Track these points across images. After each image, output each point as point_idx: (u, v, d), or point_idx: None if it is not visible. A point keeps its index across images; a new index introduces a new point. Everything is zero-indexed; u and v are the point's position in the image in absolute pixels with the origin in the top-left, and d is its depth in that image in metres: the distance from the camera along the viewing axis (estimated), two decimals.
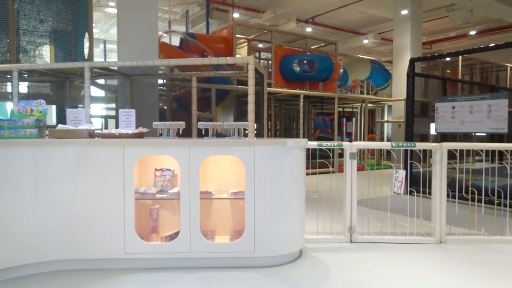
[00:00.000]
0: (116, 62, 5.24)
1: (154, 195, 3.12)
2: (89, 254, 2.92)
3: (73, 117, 3.41)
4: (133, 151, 2.90)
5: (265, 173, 2.97)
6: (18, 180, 2.76)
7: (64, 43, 7.56)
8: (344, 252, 3.43)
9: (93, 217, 2.90)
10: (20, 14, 7.19)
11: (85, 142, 2.90)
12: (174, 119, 6.22)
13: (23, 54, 7.27)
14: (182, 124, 3.23)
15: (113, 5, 11.74)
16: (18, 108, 3.15)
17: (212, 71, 6.12)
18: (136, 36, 5.96)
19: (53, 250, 2.88)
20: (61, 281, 2.77)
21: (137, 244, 2.92)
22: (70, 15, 7.74)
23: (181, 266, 3.01)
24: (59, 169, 2.85)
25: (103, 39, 15.01)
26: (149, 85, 6.11)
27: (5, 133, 2.91)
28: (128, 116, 3.36)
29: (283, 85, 9.19)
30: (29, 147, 2.79)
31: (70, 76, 6.67)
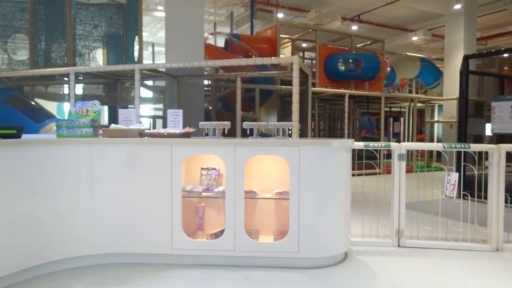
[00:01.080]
0: (164, 64, 5.42)
1: (200, 193, 3.19)
2: (138, 248, 3.04)
3: (124, 117, 3.56)
4: (181, 150, 2.99)
5: (310, 174, 2.94)
6: (75, 176, 2.93)
7: (116, 47, 7.93)
8: (391, 256, 3.32)
9: (143, 213, 3.02)
10: (76, 20, 7.63)
11: (135, 141, 3.02)
12: (218, 119, 6.33)
13: (79, 57, 7.71)
14: (227, 124, 3.28)
15: (161, 9, 12.15)
16: (75, 108, 3.34)
17: (256, 71, 6.15)
18: (183, 38, 6.12)
19: (106, 243, 3.03)
20: (112, 273, 2.90)
21: (183, 240, 3.00)
22: (121, 20, 8.10)
23: (225, 263, 3.05)
24: (111, 167, 2.99)
25: (151, 42, 15.57)
26: (195, 85, 6.25)
27: (63, 132, 3.10)
28: (176, 116, 3.46)
29: (328, 85, 9.06)
30: (85, 146, 2.95)
31: (122, 78, 6.98)
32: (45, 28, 7.63)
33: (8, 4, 8.00)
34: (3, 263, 2.59)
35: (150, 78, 7.15)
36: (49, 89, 9.09)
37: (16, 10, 8.05)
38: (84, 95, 8.48)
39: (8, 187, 2.60)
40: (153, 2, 11.97)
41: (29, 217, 2.72)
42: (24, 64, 7.81)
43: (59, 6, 7.47)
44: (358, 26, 13.85)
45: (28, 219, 2.72)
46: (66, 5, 7.35)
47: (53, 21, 7.54)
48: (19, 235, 2.67)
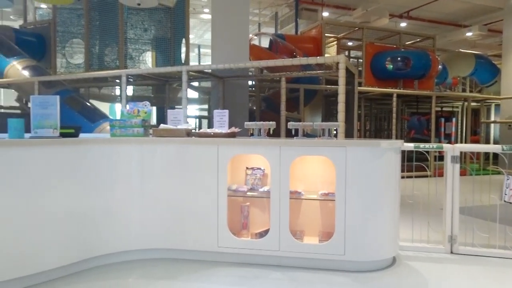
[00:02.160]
0: (210, 65, 5.54)
1: (245, 192, 3.22)
2: (185, 245, 3.12)
3: (173, 117, 3.67)
4: (227, 150, 3.03)
5: (357, 175, 2.87)
6: (127, 173, 3.06)
7: (164, 49, 8.21)
8: (443, 263, 3.17)
9: (190, 210, 3.10)
10: (127, 24, 7.98)
11: (183, 140, 3.11)
12: (262, 119, 6.35)
13: (129, 60, 8.06)
14: (272, 124, 3.28)
15: (207, 11, 12.41)
16: (127, 109, 3.49)
17: (301, 71, 6.11)
18: (228, 40, 6.20)
19: (155, 239, 3.14)
20: (161, 268, 3.00)
21: (229, 239, 3.04)
22: (169, 23, 8.37)
23: (269, 263, 3.06)
24: (161, 165, 3.10)
25: (197, 44, 15.94)
26: (240, 86, 6.32)
27: (117, 131, 3.26)
28: (222, 116, 3.51)
29: (374, 84, 8.81)
30: (137, 145, 3.08)
31: (170, 79, 7.20)
32: (99, 33, 8.05)
33: (66, 11, 8.52)
34: (63, 254, 2.76)
35: (196, 79, 7.32)
36: (102, 91, 9.58)
37: (74, 16, 8.56)
38: (134, 96, 8.85)
39: (68, 182, 2.77)
40: (199, 5, 12.26)
41: (86, 211, 2.88)
42: (80, 67, 8.29)
43: (111, 11, 7.85)
44: (408, 23, 13.34)
45: (85, 213, 2.87)
46: (118, 10, 7.71)
47: (106, 26, 7.94)
48: (76, 228, 2.83)
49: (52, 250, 2.71)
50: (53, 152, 2.70)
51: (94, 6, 8.01)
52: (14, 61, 7.61)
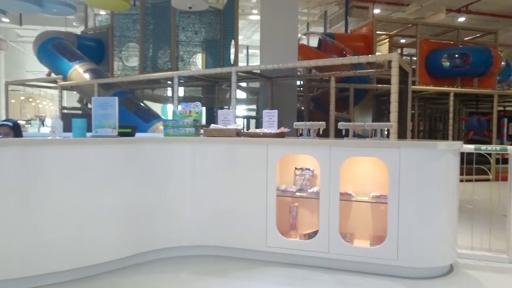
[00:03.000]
0: (259, 66, 5.57)
1: (294, 193, 3.21)
2: (235, 243, 3.17)
3: (223, 117, 3.74)
4: (276, 150, 3.04)
5: (411, 177, 2.76)
6: (180, 171, 3.17)
7: (214, 51, 8.39)
8: (506, 274, 2.95)
9: (239, 209, 3.14)
10: (179, 27, 8.24)
11: (233, 140, 3.16)
12: (311, 119, 6.29)
13: (181, 62, 8.32)
14: (322, 124, 3.24)
15: (256, 12, 12.51)
16: (179, 109, 3.61)
17: (351, 70, 5.98)
18: (277, 40, 6.20)
19: (205, 236, 3.22)
20: (211, 265, 3.07)
21: (277, 239, 3.05)
22: (219, 25, 8.54)
23: (318, 265, 3.02)
24: (211, 164, 3.17)
25: (246, 44, 16.11)
26: (288, 86, 6.30)
27: (170, 131, 3.37)
28: (271, 117, 3.52)
29: (429, 83, 8.41)
30: (189, 144, 3.18)
31: (219, 80, 7.33)
32: (152, 37, 8.39)
33: (123, 17, 8.96)
34: (120, 247, 2.92)
35: (245, 80, 7.39)
36: (155, 92, 9.96)
37: (129, 21, 8.98)
38: (185, 97, 9.12)
39: (125, 179, 2.92)
40: (248, 7, 12.39)
41: (141, 206, 3.01)
42: (135, 70, 8.68)
43: (164, 15, 8.14)
44: (466, 18, 12.60)
45: (140, 209, 3.01)
46: (171, 14, 7.98)
47: (159, 30, 8.25)
48: (132, 223, 2.97)
49: (110, 243, 2.87)
50: (112, 150, 2.86)
51: (148, 11, 8.36)
52: (76, 65, 8.13)
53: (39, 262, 2.60)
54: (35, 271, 2.60)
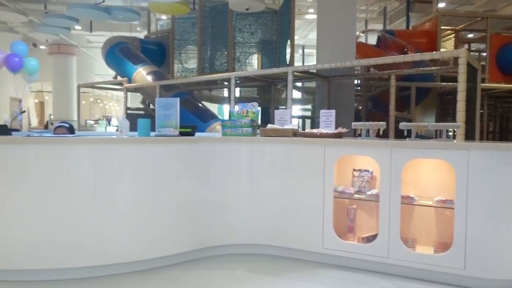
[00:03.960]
0: (315, 65, 5.51)
1: (352, 194, 3.13)
2: (290, 243, 3.17)
3: (280, 117, 3.75)
4: (334, 150, 2.98)
5: (481, 182, 2.58)
6: (237, 170, 3.23)
7: (269, 51, 8.43)
8: None
9: (295, 209, 3.13)
10: (236, 29, 8.39)
11: (290, 140, 3.15)
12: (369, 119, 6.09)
13: (237, 63, 8.46)
14: (382, 125, 3.13)
15: (312, 11, 12.38)
16: (237, 110, 3.67)
17: (413, 68, 5.71)
18: (334, 39, 6.09)
19: (261, 235, 3.25)
20: (266, 264, 3.09)
21: (334, 241, 3.00)
22: (275, 25, 8.56)
23: (376, 270, 2.92)
24: (268, 164, 3.19)
25: (301, 44, 16.00)
26: (346, 86, 6.17)
27: (227, 131, 3.45)
28: (328, 117, 3.47)
29: (501, 80, 7.78)
30: (247, 144, 3.23)
31: (275, 80, 7.35)
32: (210, 39, 8.62)
33: (182, 21, 9.30)
34: (179, 242, 3.04)
35: (301, 80, 7.35)
36: (212, 93, 10.23)
37: (189, 25, 9.31)
38: (241, 98, 9.26)
39: (185, 176, 3.04)
40: (304, 6, 12.30)
41: (200, 204, 3.11)
42: (193, 71, 8.98)
43: (222, 18, 8.33)
44: None
45: (199, 206, 3.11)
46: (228, 16, 8.15)
47: (217, 32, 8.46)
48: (191, 219, 3.08)
49: (170, 238, 3.00)
50: (174, 149, 2.99)
51: (207, 14, 8.60)
52: (140, 68, 8.58)
53: (104, 253, 2.79)
54: (100, 261, 2.78)
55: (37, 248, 2.69)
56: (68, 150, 2.73)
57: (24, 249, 2.68)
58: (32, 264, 2.68)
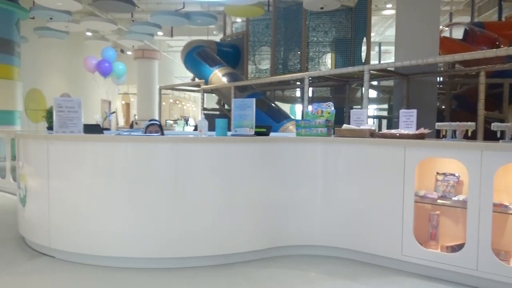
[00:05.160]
0: (394, 63, 5.26)
1: (435, 200, 2.93)
2: (366, 248, 3.06)
3: (356, 117, 3.65)
4: (415, 152, 2.82)
5: None
6: (312, 171, 3.20)
7: (343, 50, 8.23)
8: None
9: (372, 213, 3.01)
10: (309, 28, 8.32)
11: (367, 141, 3.04)
12: (453, 119, 5.65)
13: (310, 63, 8.39)
14: (471, 125, 2.88)
15: (390, 6, 11.84)
16: (312, 110, 3.64)
17: (507, 63, 5.19)
18: (415, 34, 5.75)
19: (335, 238, 3.18)
20: (341, 267, 3.02)
21: (414, 248, 2.83)
22: (350, 23, 8.34)
23: (462, 282, 2.70)
24: (344, 165, 3.12)
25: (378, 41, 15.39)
26: (427, 83, 5.80)
27: (302, 131, 3.43)
28: (409, 117, 3.29)
29: None
30: (322, 144, 3.18)
31: (350, 79, 7.17)
32: (284, 39, 8.66)
33: (257, 22, 9.47)
34: (253, 240, 3.10)
35: (377, 79, 7.07)
36: (284, 93, 10.27)
37: (263, 26, 9.45)
38: (314, 97, 9.17)
39: (260, 175, 3.09)
40: (382, 1, 11.80)
41: (274, 203, 3.14)
42: (266, 72, 9.09)
43: (295, 18, 8.32)
44: None
45: (273, 205, 3.14)
46: (302, 16, 8.12)
47: (290, 32, 8.47)
48: (266, 218, 3.12)
49: (244, 235, 3.07)
50: (250, 149, 3.05)
51: (280, 14, 8.66)
52: (216, 70, 8.92)
53: (181, 246, 2.94)
54: (177, 254, 2.94)
55: (122, 238, 2.93)
56: (152, 148, 2.93)
57: (111, 238, 2.94)
58: (118, 251, 2.93)
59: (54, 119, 3.12)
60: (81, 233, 2.98)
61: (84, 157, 3.00)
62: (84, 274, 2.81)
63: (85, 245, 2.98)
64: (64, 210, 3.04)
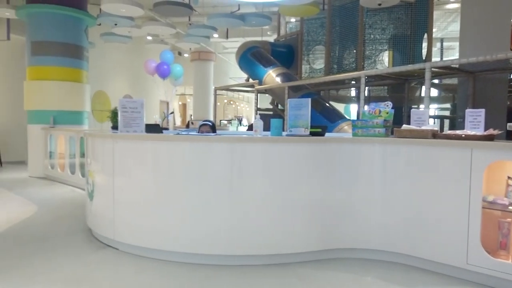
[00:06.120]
0: (459, 60, 4.95)
1: (506, 206, 2.72)
2: (426, 254, 2.91)
3: (416, 117, 3.49)
4: (483, 155, 2.63)
5: None
6: (369, 172, 3.10)
7: (402, 47, 7.89)
8: None
9: (434, 218, 2.86)
10: (366, 26, 8.08)
11: (429, 142, 2.89)
12: None
13: (366, 61, 8.14)
14: None
15: (454, 0, 11.17)
16: (369, 109, 3.53)
17: None
18: (482, 28, 5.38)
19: (393, 242, 3.06)
20: (398, 273, 2.90)
21: (481, 257, 2.64)
22: (409, 19, 7.98)
23: None
24: (403, 167, 2.98)
25: (439, 37, 14.60)
26: (496, 81, 5.40)
27: (358, 131, 3.34)
28: (476, 117, 3.09)
29: None
30: (380, 145, 3.07)
31: (409, 78, 6.87)
32: (339, 38, 8.49)
33: (311, 22, 9.37)
34: (308, 241, 3.07)
35: (439, 77, 6.70)
36: (339, 92, 10.08)
37: (317, 25, 9.33)
38: (370, 97, 8.89)
39: (315, 176, 3.06)
40: None
41: (329, 204, 3.09)
42: (321, 72, 8.97)
43: (351, 15, 8.13)
44: None
45: (328, 206, 3.09)
46: (358, 13, 7.90)
47: (346, 30, 8.28)
48: (321, 219, 3.08)
49: (298, 235, 3.05)
50: (305, 149, 3.03)
51: (336, 12, 8.50)
52: (270, 70, 8.96)
53: (236, 244, 2.99)
54: (233, 251, 3.00)
55: (178, 233, 3.04)
56: (209, 148, 3.01)
57: (168, 233, 3.06)
58: (175, 246, 3.05)
59: (119, 119, 3.31)
60: (142, 227, 3.14)
61: (146, 155, 3.15)
62: (145, 267, 2.96)
63: (145, 239, 3.13)
64: (127, 205, 3.23)
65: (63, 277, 2.76)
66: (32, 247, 3.39)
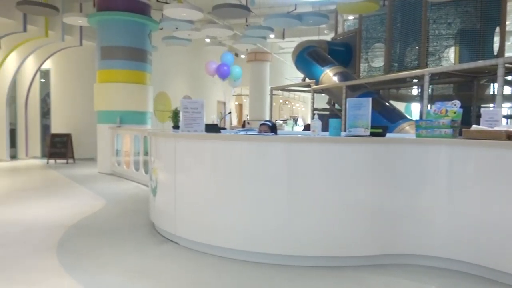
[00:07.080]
0: None
1: None
2: (499, 265, 2.69)
3: (488, 117, 3.25)
4: None
5: None
6: (434, 176, 2.93)
7: (470, 42, 7.39)
8: None
9: (505, 226, 2.63)
10: (429, 21, 7.66)
11: (504, 144, 2.67)
12: None
13: (430, 58, 7.72)
14: None
15: None
16: (434, 109, 3.34)
17: None
18: None
19: (459, 250, 2.87)
20: (464, 283, 2.71)
21: None
22: (478, 12, 7.44)
23: None
24: (473, 171, 2.78)
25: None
26: None
27: (422, 132, 3.18)
28: None
29: None
30: (446, 146, 2.89)
31: (478, 75, 6.41)
32: (400, 34, 8.14)
33: (370, 19, 9.09)
34: (365, 244, 2.98)
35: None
36: (400, 91, 9.67)
37: (377, 22, 9.03)
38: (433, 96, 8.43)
39: (375, 178, 2.96)
40: None
41: (389, 207, 2.98)
42: (380, 70, 8.66)
43: (414, 10, 7.76)
44: None
45: (388, 209, 2.98)
46: (422, 8, 7.52)
47: (407, 27, 7.92)
48: (380, 223, 2.98)
49: (356, 238, 2.97)
50: (365, 150, 2.95)
51: (397, 8, 8.16)
52: (327, 69, 8.83)
53: (293, 244, 2.98)
54: (287, 251, 2.99)
55: (235, 231, 3.10)
56: (266, 147, 3.03)
57: (225, 230, 3.13)
58: (231, 243, 3.12)
59: (181, 119, 3.45)
60: (201, 224, 3.25)
61: (205, 154, 3.25)
62: (202, 262, 3.06)
63: (204, 235, 3.23)
64: (188, 202, 3.35)
65: (128, 268, 2.94)
66: (101, 238, 3.64)
